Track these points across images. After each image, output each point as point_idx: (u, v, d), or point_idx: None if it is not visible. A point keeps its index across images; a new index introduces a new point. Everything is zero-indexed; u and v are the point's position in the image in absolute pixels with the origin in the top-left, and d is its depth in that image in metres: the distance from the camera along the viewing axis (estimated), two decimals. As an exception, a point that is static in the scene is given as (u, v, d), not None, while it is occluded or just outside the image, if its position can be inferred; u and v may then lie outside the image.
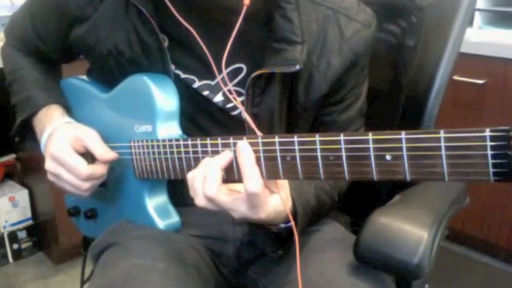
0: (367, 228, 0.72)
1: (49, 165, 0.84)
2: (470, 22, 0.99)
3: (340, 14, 0.80)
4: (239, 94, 0.82)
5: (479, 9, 1.93)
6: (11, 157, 2.11)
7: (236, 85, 0.82)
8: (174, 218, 0.86)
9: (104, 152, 0.83)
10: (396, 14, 0.99)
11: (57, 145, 0.83)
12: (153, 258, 0.76)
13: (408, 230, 0.71)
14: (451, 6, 0.95)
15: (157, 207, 0.85)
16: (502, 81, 1.81)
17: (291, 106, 0.82)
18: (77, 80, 0.96)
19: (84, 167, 0.81)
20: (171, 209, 0.87)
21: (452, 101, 1.92)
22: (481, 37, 1.90)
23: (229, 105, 0.83)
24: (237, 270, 0.90)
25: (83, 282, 1.06)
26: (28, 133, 0.94)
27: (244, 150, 0.64)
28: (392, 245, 0.70)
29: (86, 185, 0.83)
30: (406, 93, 0.98)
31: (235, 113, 0.83)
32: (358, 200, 0.91)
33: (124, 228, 0.87)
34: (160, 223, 0.85)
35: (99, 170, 0.83)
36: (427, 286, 0.85)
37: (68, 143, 0.83)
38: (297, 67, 0.76)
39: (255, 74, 0.76)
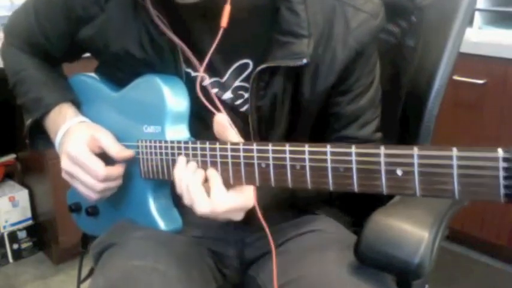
0: (368, 228, 0.72)
1: (65, 164, 0.84)
2: (470, 22, 1.00)
3: (347, 5, 0.79)
4: (245, 90, 0.82)
5: (479, 9, 1.94)
6: (11, 157, 2.11)
7: (242, 81, 0.82)
8: (176, 220, 0.86)
9: (120, 150, 0.84)
10: (396, 14, 0.99)
11: (74, 145, 0.83)
12: (154, 259, 0.76)
13: (409, 230, 0.71)
14: (450, 6, 0.95)
15: (160, 208, 0.85)
16: (502, 81, 1.81)
17: (296, 99, 0.82)
18: (87, 77, 0.96)
19: (101, 168, 0.82)
20: (174, 210, 0.87)
21: (452, 101, 1.92)
22: (481, 37, 1.90)
23: (238, 101, 0.83)
24: (238, 271, 0.90)
25: (79, 279, 1.06)
26: (39, 133, 0.94)
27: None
28: (393, 244, 0.70)
29: (100, 186, 0.83)
30: (406, 93, 0.98)
31: (243, 109, 0.83)
32: (358, 199, 0.91)
33: (125, 228, 0.86)
34: (162, 224, 0.85)
35: (116, 171, 0.84)
36: (427, 286, 0.85)
37: (85, 143, 0.83)
38: (304, 61, 0.76)
39: (260, 67, 0.76)
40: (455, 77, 1.84)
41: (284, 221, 0.88)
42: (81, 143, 0.83)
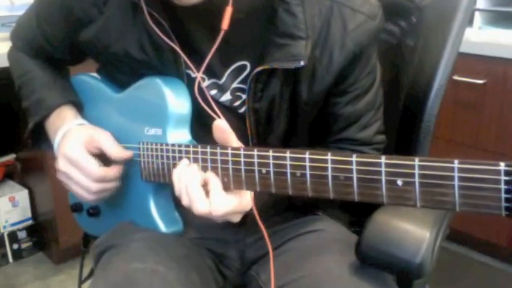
0: (369, 228, 0.73)
1: (61, 164, 0.84)
2: (470, 22, 1.00)
3: (344, 7, 0.79)
4: (243, 91, 0.82)
5: (479, 9, 1.94)
6: (11, 157, 2.11)
7: (240, 82, 0.82)
8: (177, 222, 0.86)
9: (119, 151, 0.84)
10: (396, 14, 0.99)
11: (70, 145, 0.83)
12: (155, 262, 0.76)
13: (410, 230, 0.71)
14: (450, 6, 0.95)
15: (161, 211, 0.85)
16: (502, 81, 1.81)
17: (294, 100, 0.82)
18: (88, 77, 0.96)
19: (96, 168, 0.82)
20: (175, 212, 0.86)
21: (452, 101, 1.92)
22: (481, 37, 1.90)
23: (237, 103, 0.83)
24: (238, 271, 0.90)
25: (81, 278, 1.06)
26: (42, 135, 0.94)
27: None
28: (394, 244, 0.70)
29: (96, 186, 0.83)
30: (406, 93, 0.98)
31: (241, 110, 0.83)
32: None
33: (126, 229, 0.86)
34: (163, 226, 0.84)
35: (112, 172, 0.83)
36: (427, 286, 0.85)
37: (81, 144, 0.83)
38: (302, 63, 0.75)
39: (258, 69, 0.76)
40: (455, 77, 1.84)
41: (285, 222, 0.88)
42: (78, 144, 0.83)
